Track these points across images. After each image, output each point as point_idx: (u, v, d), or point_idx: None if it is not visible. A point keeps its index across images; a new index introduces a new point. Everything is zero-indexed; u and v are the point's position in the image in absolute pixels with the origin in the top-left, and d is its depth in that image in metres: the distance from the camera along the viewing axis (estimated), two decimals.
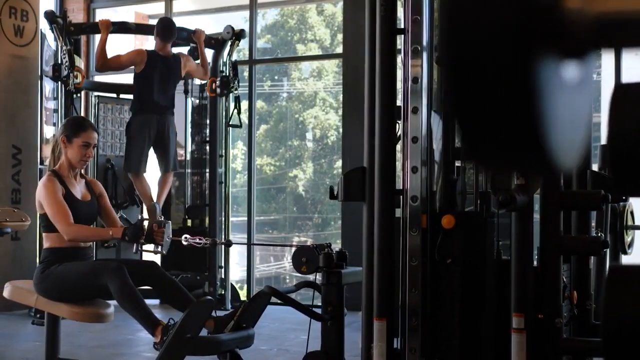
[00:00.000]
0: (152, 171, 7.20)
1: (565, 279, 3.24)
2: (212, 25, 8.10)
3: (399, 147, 3.32)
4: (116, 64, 6.88)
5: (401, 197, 3.28)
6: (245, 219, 8.52)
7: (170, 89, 6.99)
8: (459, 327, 3.21)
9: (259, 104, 10.08)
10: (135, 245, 4.05)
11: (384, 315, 3.22)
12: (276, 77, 13.04)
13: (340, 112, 12.16)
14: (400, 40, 3.33)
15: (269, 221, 13.06)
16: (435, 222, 3.21)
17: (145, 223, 4.05)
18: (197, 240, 4.08)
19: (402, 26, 3.30)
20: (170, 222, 4.16)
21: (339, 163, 11.65)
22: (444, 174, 3.34)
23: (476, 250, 3.22)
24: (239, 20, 9.19)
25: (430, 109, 3.30)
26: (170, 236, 4.07)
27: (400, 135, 3.30)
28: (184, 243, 4.05)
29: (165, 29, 7.02)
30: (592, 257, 3.73)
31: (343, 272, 3.52)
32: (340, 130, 8.96)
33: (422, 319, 3.19)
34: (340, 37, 12.32)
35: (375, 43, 3.30)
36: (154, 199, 6.85)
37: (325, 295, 3.53)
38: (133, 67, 6.98)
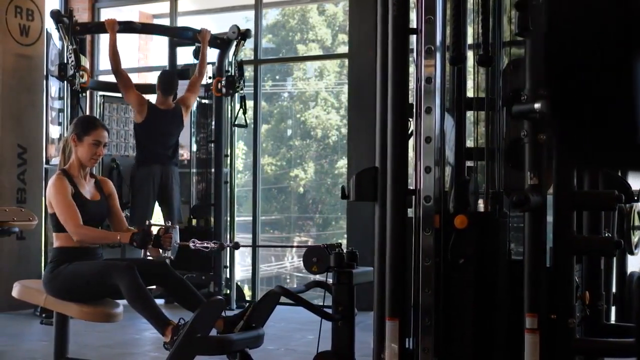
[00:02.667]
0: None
1: (577, 280, 3.24)
2: (214, 25, 8.10)
3: (411, 147, 3.30)
4: (127, 81, 6.88)
5: (414, 197, 3.27)
6: (248, 218, 8.52)
7: (172, 139, 7.03)
8: (472, 327, 3.20)
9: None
10: (143, 250, 4.12)
11: (396, 315, 3.22)
12: (277, 77, 13.03)
13: (341, 112, 12.15)
14: (412, 40, 3.31)
15: (270, 221, 13.06)
16: (448, 222, 3.21)
17: (153, 229, 4.07)
18: (205, 245, 4.08)
19: (415, 26, 3.29)
20: (177, 227, 4.24)
21: (340, 163, 11.64)
22: (456, 175, 3.34)
23: (489, 251, 3.22)
24: (241, 20, 9.20)
25: (444, 109, 3.30)
26: (178, 241, 4.18)
27: (412, 131, 3.28)
28: (192, 247, 4.06)
29: (167, 84, 7.03)
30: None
31: (354, 272, 3.52)
32: (342, 130, 8.95)
33: (435, 319, 3.19)
34: (341, 37, 12.30)
35: (387, 43, 3.29)
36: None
37: (336, 295, 3.53)
38: (133, 108, 7.00)
